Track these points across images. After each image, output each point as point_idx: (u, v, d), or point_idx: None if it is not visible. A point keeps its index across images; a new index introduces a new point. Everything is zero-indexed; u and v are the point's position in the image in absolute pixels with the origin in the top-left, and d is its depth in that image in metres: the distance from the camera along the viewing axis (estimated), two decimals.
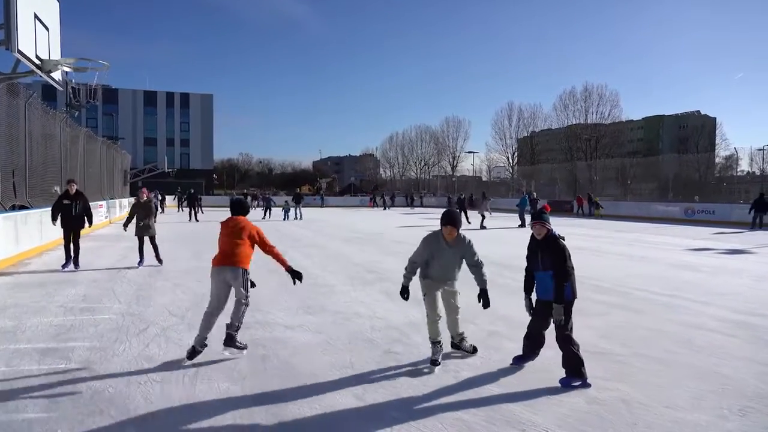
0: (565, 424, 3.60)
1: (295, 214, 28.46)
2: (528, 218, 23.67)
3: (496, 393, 4.14)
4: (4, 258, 10.32)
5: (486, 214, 23.78)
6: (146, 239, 10.63)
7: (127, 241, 16.51)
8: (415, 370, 4.66)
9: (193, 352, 4.82)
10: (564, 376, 4.31)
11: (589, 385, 4.24)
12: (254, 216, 28.75)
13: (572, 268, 4.39)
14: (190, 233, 19.51)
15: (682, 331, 6.06)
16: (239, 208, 5.26)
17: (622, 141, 67.85)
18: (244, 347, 5.08)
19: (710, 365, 4.86)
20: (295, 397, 4.04)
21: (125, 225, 10.83)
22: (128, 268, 10.50)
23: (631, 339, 5.70)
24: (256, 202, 44.86)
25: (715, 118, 79.69)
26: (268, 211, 30.45)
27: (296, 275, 5.14)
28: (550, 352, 5.16)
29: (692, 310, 7.15)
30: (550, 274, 4.38)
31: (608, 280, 9.44)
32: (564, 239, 4.52)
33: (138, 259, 10.71)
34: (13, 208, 12.11)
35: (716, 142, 69.87)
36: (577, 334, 5.76)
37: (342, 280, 9.34)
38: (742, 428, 3.57)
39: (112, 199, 26.59)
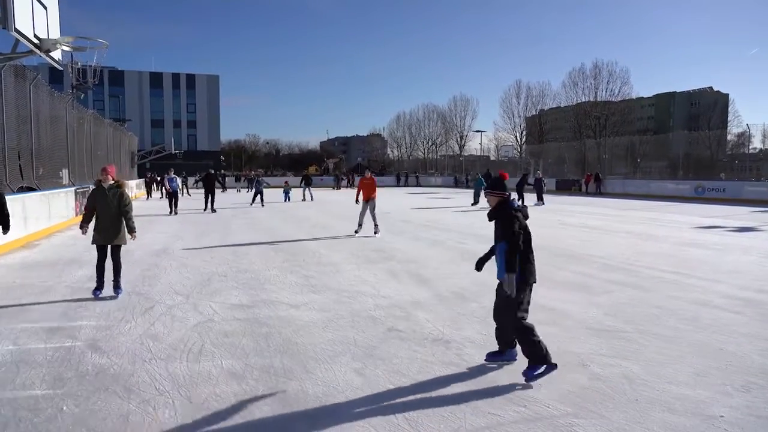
0: (566, 401, 3.59)
1: (303, 195, 27.93)
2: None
3: (497, 370, 4.14)
4: (13, 239, 10.41)
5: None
6: (109, 250, 6.49)
7: (136, 220, 16.61)
8: (417, 348, 4.66)
9: (358, 230, 11.76)
10: (526, 367, 3.91)
11: (555, 366, 3.92)
12: (236, 198, 28.36)
13: (519, 241, 3.87)
14: (198, 215, 19.55)
15: (688, 308, 6.02)
16: (368, 170, 12.38)
17: (632, 119, 66.91)
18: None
19: (715, 342, 4.83)
20: (297, 374, 4.06)
21: (83, 224, 6.61)
22: (138, 245, 10.56)
23: (636, 316, 5.67)
24: (240, 183, 42.79)
25: (728, 95, 78.35)
26: (259, 196, 23.68)
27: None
28: (552, 328, 5.17)
29: (700, 287, 7.09)
30: (503, 247, 3.93)
31: (616, 258, 9.38)
32: (520, 209, 4.08)
33: (94, 287, 6.52)
34: (21, 189, 12.18)
35: (729, 119, 68.78)
36: (582, 312, 5.77)
37: (347, 259, 9.34)
38: (744, 404, 3.54)
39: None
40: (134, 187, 32.00)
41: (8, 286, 7.14)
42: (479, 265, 4.29)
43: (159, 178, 32.85)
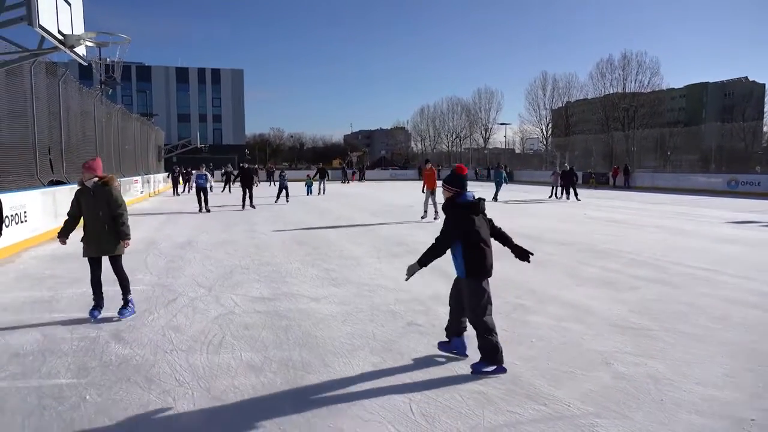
0: (588, 400, 3.50)
1: (319, 188, 27.35)
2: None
3: (517, 366, 4.06)
4: (44, 231, 10.69)
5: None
6: (107, 262, 5.43)
7: (163, 214, 16.89)
8: (436, 342, 4.61)
9: (424, 215, 13.25)
10: (477, 360, 3.98)
11: (504, 370, 3.90)
12: (256, 191, 28.15)
13: (445, 247, 3.96)
14: (223, 210, 19.75)
15: (719, 306, 5.82)
16: (429, 162, 15.03)
17: (662, 110, 65.09)
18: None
19: (747, 342, 4.66)
20: (315, 367, 4.05)
21: (64, 234, 5.49)
22: (163, 238, 10.72)
23: (664, 314, 5.51)
24: (257, 177, 40.54)
25: (764, 85, 75.85)
26: (284, 191, 21.64)
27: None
28: (575, 325, 5.06)
29: (731, 284, 6.86)
30: (457, 245, 3.96)
31: (643, 254, 9.15)
32: (471, 206, 4.01)
33: (92, 306, 5.39)
34: (51, 183, 12.49)
35: (765, 109, 66.61)
36: (606, 309, 5.64)
37: (369, 252, 9.32)
38: None
39: (147, 174, 27.18)
40: (161, 181, 32.50)
41: (39, 277, 7.33)
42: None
43: (186, 171, 31.05)
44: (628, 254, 9.09)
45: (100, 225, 5.25)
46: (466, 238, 3.93)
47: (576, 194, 22.89)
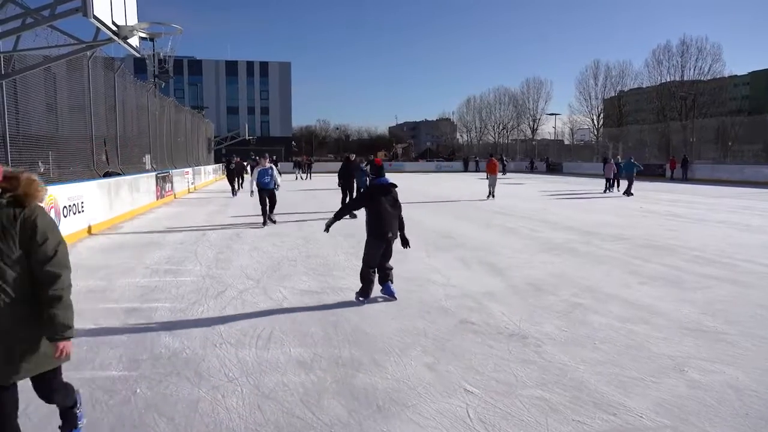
0: (662, 410, 3.21)
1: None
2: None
3: (581, 371, 3.79)
4: (99, 222, 11.01)
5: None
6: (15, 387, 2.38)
7: (211, 205, 17.18)
8: (491, 342, 4.39)
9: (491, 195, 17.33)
10: (358, 290, 5.66)
11: (362, 303, 5.54)
12: (298, 184, 28.40)
13: (346, 209, 6.22)
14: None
15: None
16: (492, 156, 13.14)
17: (724, 99, 61.52)
18: None
19: None
20: (365, 366, 3.91)
21: None
22: (213, 228, 10.86)
23: (739, 316, 5.08)
24: (299, 170, 37.12)
25: None
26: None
27: None
28: (641, 327, 4.73)
29: None
30: None
31: (709, 250, 8.58)
32: (380, 185, 5.76)
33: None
34: (107, 175, 12.87)
35: None
36: (674, 309, 5.26)
37: (416, 246, 9.09)
38: None
39: (197, 166, 27.83)
40: (210, 173, 33.19)
41: (92, 267, 7.49)
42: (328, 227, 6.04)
43: (246, 164, 25.23)
44: (692, 251, 8.55)
45: (10, 302, 2.36)
46: (368, 207, 5.59)
47: (620, 186, 22.59)
